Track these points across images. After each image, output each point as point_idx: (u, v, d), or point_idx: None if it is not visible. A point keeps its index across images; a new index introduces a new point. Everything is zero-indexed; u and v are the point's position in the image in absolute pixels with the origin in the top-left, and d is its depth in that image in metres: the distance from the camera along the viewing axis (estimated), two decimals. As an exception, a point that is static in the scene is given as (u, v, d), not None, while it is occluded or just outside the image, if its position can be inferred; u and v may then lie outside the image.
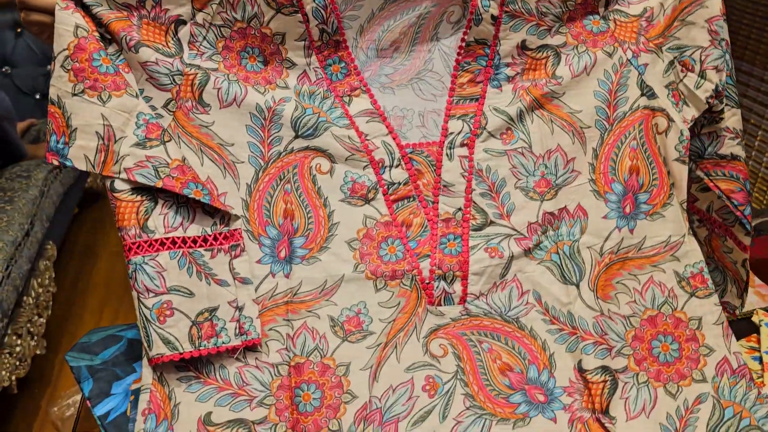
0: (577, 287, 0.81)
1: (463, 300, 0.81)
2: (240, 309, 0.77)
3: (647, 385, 0.78)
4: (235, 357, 0.78)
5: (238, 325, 0.77)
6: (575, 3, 0.82)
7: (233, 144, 0.81)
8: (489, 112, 0.83)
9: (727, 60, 0.81)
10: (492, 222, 0.83)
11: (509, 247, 0.82)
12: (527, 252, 0.82)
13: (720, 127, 0.83)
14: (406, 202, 0.83)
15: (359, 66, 0.84)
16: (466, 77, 0.84)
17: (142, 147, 0.76)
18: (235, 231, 0.79)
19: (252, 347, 0.78)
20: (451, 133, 0.84)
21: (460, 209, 0.83)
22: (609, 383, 0.77)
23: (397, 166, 0.83)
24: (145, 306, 0.74)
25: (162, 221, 0.76)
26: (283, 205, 0.81)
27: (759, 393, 0.77)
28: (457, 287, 0.81)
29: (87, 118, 0.74)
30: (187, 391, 0.76)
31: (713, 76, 0.81)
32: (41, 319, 1.93)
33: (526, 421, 0.75)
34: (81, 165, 0.74)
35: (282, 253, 0.80)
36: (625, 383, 0.78)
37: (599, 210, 0.84)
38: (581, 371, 0.78)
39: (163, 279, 0.75)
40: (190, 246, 0.77)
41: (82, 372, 0.85)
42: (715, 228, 0.89)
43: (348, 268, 0.81)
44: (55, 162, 0.74)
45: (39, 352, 1.89)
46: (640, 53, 0.84)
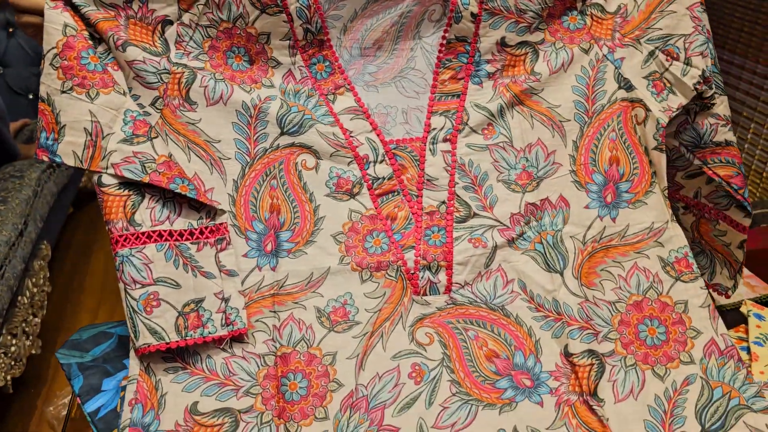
0: (561, 275, 0.82)
1: (449, 289, 0.81)
2: (226, 300, 0.78)
3: (635, 368, 0.78)
4: (222, 348, 0.78)
5: (224, 316, 0.77)
6: None
7: (220, 141, 0.82)
8: (470, 108, 0.85)
9: (710, 47, 0.83)
10: (475, 214, 0.84)
11: (493, 238, 0.83)
12: (511, 242, 0.83)
13: (712, 113, 0.84)
14: (390, 196, 0.84)
15: (343, 64, 0.86)
16: (447, 74, 0.86)
17: (129, 143, 0.78)
18: (221, 225, 0.80)
19: (238, 338, 0.78)
20: (434, 129, 0.85)
21: (443, 202, 0.84)
22: (596, 366, 0.77)
23: (382, 161, 0.84)
24: (132, 297, 0.75)
25: (149, 215, 0.77)
26: (270, 200, 0.82)
27: (748, 373, 0.77)
28: (442, 277, 0.81)
29: (75, 114, 0.76)
30: (174, 381, 0.76)
31: (699, 62, 0.83)
32: (36, 319, 1.92)
33: (512, 406, 0.75)
34: (69, 161, 0.76)
35: (268, 247, 0.81)
36: (613, 366, 0.78)
37: (581, 200, 0.85)
38: (568, 355, 0.78)
39: (150, 270, 0.75)
40: (176, 239, 0.78)
41: (72, 369, 0.85)
42: (705, 213, 0.90)
43: (334, 260, 0.81)
44: (45, 158, 0.75)
45: (34, 351, 1.88)
46: (616, 48, 0.86)
